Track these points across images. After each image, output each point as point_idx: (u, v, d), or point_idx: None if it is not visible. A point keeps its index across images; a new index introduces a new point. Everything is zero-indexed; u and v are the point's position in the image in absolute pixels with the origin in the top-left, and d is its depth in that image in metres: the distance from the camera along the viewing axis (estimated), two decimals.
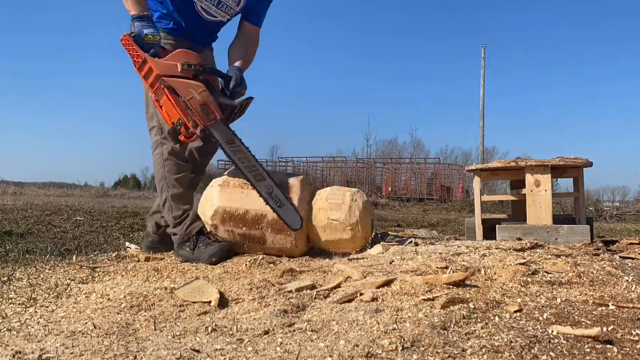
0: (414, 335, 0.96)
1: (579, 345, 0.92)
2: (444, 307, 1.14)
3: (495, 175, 2.68)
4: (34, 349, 1.00)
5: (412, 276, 1.41)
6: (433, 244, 2.05)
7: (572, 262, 1.57)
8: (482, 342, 0.94)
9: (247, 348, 0.96)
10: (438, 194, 18.15)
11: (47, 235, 2.91)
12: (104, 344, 1.02)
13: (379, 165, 21.82)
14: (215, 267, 1.82)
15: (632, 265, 1.61)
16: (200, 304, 1.30)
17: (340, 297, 1.26)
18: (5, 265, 1.92)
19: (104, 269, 1.79)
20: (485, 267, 1.50)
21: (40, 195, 10.37)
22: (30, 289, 1.51)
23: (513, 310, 1.13)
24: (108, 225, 3.61)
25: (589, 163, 2.50)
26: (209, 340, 1.02)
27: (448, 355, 0.88)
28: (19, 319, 1.23)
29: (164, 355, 0.93)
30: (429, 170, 21.11)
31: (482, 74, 23.19)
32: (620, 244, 2.27)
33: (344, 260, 1.86)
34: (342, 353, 0.89)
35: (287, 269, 1.67)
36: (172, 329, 1.11)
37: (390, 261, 1.70)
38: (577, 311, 1.13)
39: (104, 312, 1.26)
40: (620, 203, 18.84)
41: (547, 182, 2.41)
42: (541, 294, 1.27)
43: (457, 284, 1.32)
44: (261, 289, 1.38)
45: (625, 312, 1.12)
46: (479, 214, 2.62)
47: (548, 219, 2.39)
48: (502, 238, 2.34)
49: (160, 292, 1.40)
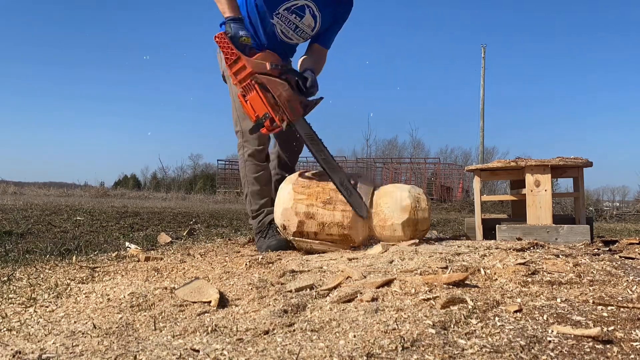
0: (414, 335, 0.96)
1: (579, 345, 0.92)
2: (444, 307, 1.14)
3: (495, 175, 2.68)
4: (34, 349, 1.00)
5: (412, 276, 1.41)
6: (433, 244, 2.05)
7: (572, 262, 1.57)
8: (482, 342, 0.94)
9: (247, 348, 0.96)
10: (438, 194, 18.15)
11: (47, 235, 2.91)
12: (104, 344, 1.02)
13: (379, 165, 21.83)
14: (215, 267, 1.82)
15: (632, 265, 1.61)
16: (200, 304, 1.30)
17: (340, 297, 1.26)
18: (5, 265, 1.92)
19: (104, 269, 1.79)
20: (485, 267, 1.50)
21: (40, 195, 10.37)
22: (30, 289, 1.51)
23: (513, 310, 1.13)
24: (108, 225, 3.61)
25: (589, 163, 2.50)
26: (209, 340, 1.02)
27: (448, 355, 0.88)
28: (19, 319, 1.24)
29: (164, 355, 0.93)
30: (429, 170, 21.13)
31: (482, 74, 23.20)
32: (620, 244, 2.27)
33: (344, 260, 1.86)
34: (342, 353, 0.90)
35: (287, 269, 1.67)
36: (172, 329, 1.11)
37: (390, 261, 1.70)
38: (577, 311, 1.13)
39: (104, 312, 1.26)
40: (620, 203, 18.85)
41: (547, 182, 2.41)
42: (541, 294, 1.27)
43: (457, 284, 1.32)
44: (261, 289, 1.38)
45: (625, 312, 1.12)
46: (479, 214, 2.62)
47: (548, 219, 2.39)
48: (502, 238, 2.34)
49: (160, 292, 1.40)
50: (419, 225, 2.14)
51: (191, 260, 2.03)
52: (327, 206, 2.12)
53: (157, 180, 32.14)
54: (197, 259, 2.06)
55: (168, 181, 31.01)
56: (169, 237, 2.90)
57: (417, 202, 2.14)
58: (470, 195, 17.51)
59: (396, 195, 2.15)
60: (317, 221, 2.11)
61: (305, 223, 2.12)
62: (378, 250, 1.94)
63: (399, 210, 2.11)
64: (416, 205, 2.13)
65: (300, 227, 2.12)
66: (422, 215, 2.14)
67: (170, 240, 2.82)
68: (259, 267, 1.78)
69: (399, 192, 2.17)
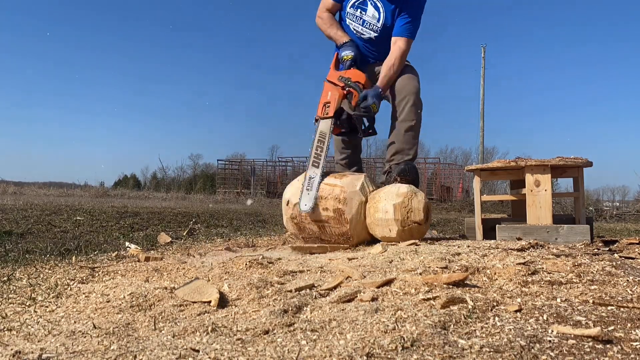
0: (414, 335, 0.96)
1: (579, 345, 0.92)
2: (444, 307, 1.14)
3: (495, 175, 2.67)
4: (34, 349, 1.00)
5: (412, 276, 1.41)
6: (433, 244, 2.05)
7: (572, 262, 1.57)
8: (482, 342, 0.94)
9: (247, 348, 0.96)
10: (438, 194, 18.15)
11: (47, 235, 2.91)
12: (104, 344, 1.02)
13: (379, 165, 21.81)
14: (215, 267, 1.82)
15: (632, 265, 1.61)
16: (200, 304, 1.30)
17: (340, 297, 1.26)
18: (5, 265, 1.92)
19: (104, 269, 1.79)
20: (485, 267, 1.50)
21: (40, 195, 10.36)
22: (30, 289, 1.51)
23: (513, 310, 1.13)
24: (108, 225, 3.61)
25: (589, 163, 2.50)
26: (209, 340, 1.02)
27: (448, 355, 0.88)
28: (19, 319, 1.24)
29: (164, 355, 0.93)
30: (429, 170, 21.13)
31: (482, 73, 23.20)
32: (620, 244, 2.27)
33: (344, 260, 1.86)
34: (342, 353, 0.89)
35: (286, 269, 1.67)
36: (172, 329, 1.11)
37: (390, 261, 1.70)
38: (577, 311, 1.13)
39: (104, 312, 1.26)
40: (620, 203, 18.84)
41: (547, 182, 2.41)
42: (541, 294, 1.27)
43: (457, 284, 1.32)
44: (261, 289, 1.38)
45: (625, 312, 1.12)
46: (479, 214, 2.62)
47: (548, 219, 2.39)
48: (502, 238, 2.34)
49: (160, 292, 1.40)
50: (411, 215, 2.18)
51: (191, 260, 2.03)
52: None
53: (157, 180, 32.18)
54: (197, 259, 2.06)
55: (168, 181, 31.04)
56: (169, 237, 2.90)
57: (414, 193, 2.23)
58: (470, 195, 17.50)
59: (396, 187, 2.30)
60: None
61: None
62: (378, 250, 1.94)
63: (394, 195, 2.21)
64: (412, 195, 2.21)
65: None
66: (417, 206, 2.19)
67: (170, 240, 2.82)
68: (259, 267, 1.78)
69: (399, 185, 2.31)
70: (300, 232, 2.38)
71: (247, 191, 20.93)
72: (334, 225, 2.24)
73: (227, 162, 25.06)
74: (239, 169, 24.22)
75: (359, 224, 2.24)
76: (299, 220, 2.32)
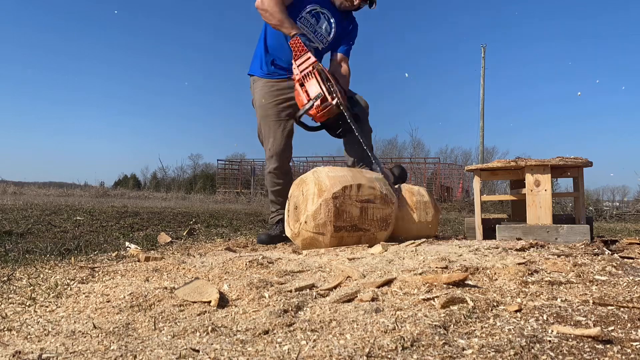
0: (414, 335, 0.96)
1: (579, 345, 0.92)
2: (444, 307, 1.14)
3: (495, 175, 2.68)
4: (34, 349, 1.00)
5: (412, 276, 1.41)
6: (433, 244, 2.05)
7: (572, 262, 1.57)
8: (482, 342, 0.94)
9: (247, 348, 0.96)
10: (438, 194, 18.15)
11: (47, 235, 2.91)
12: (104, 344, 1.02)
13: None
14: (215, 267, 1.82)
15: (632, 265, 1.61)
16: (200, 304, 1.30)
17: (340, 297, 1.26)
18: (5, 265, 1.92)
19: (104, 269, 1.79)
20: (485, 267, 1.50)
21: (40, 195, 10.37)
22: (30, 289, 1.51)
23: (513, 310, 1.13)
24: (108, 225, 3.61)
25: (589, 163, 2.50)
26: (209, 340, 1.02)
27: (448, 355, 0.88)
28: (19, 319, 1.23)
29: (164, 355, 0.93)
30: (429, 170, 21.13)
31: (482, 73, 23.19)
32: (620, 244, 2.27)
33: (344, 260, 1.86)
34: (342, 353, 0.89)
35: (286, 269, 1.67)
36: (172, 329, 1.11)
37: (390, 261, 1.70)
38: (577, 311, 1.13)
39: (104, 312, 1.26)
40: (620, 203, 18.83)
41: (547, 182, 2.41)
42: (541, 294, 1.27)
43: (457, 284, 1.32)
44: (261, 289, 1.38)
45: (625, 312, 1.12)
46: (479, 214, 2.62)
47: (548, 219, 2.39)
48: (502, 238, 2.34)
49: (160, 292, 1.40)
50: (415, 198, 2.52)
51: (191, 260, 2.03)
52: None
53: (157, 180, 32.18)
54: (197, 259, 2.06)
55: (168, 181, 31.05)
56: (169, 237, 2.90)
57: (420, 191, 2.58)
58: (470, 195, 17.51)
59: (407, 186, 2.58)
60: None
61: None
62: (378, 250, 1.94)
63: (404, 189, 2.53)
64: (419, 192, 2.56)
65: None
66: (421, 200, 2.53)
67: (170, 240, 2.82)
68: (259, 267, 1.78)
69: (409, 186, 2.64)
70: (336, 219, 2.15)
71: (247, 191, 20.93)
72: (379, 206, 2.24)
73: (227, 162, 25.06)
74: (239, 169, 24.24)
75: (401, 209, 2.47)
76: (342, 201, 2.14)
